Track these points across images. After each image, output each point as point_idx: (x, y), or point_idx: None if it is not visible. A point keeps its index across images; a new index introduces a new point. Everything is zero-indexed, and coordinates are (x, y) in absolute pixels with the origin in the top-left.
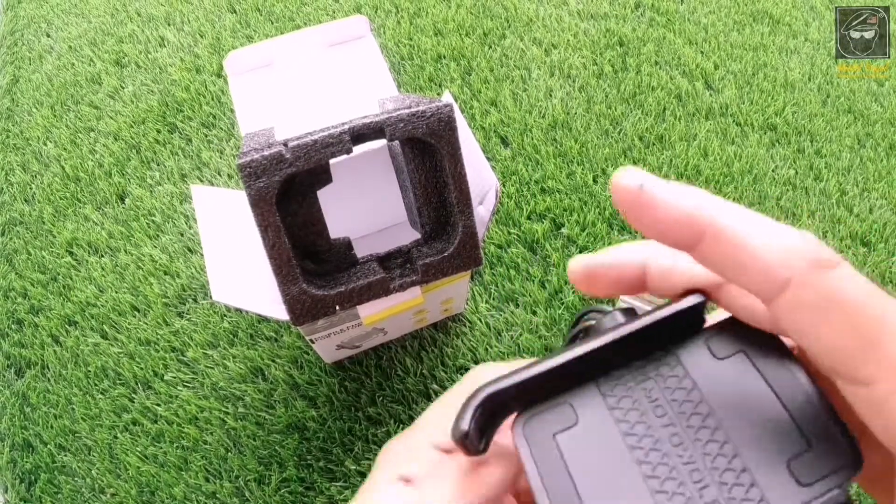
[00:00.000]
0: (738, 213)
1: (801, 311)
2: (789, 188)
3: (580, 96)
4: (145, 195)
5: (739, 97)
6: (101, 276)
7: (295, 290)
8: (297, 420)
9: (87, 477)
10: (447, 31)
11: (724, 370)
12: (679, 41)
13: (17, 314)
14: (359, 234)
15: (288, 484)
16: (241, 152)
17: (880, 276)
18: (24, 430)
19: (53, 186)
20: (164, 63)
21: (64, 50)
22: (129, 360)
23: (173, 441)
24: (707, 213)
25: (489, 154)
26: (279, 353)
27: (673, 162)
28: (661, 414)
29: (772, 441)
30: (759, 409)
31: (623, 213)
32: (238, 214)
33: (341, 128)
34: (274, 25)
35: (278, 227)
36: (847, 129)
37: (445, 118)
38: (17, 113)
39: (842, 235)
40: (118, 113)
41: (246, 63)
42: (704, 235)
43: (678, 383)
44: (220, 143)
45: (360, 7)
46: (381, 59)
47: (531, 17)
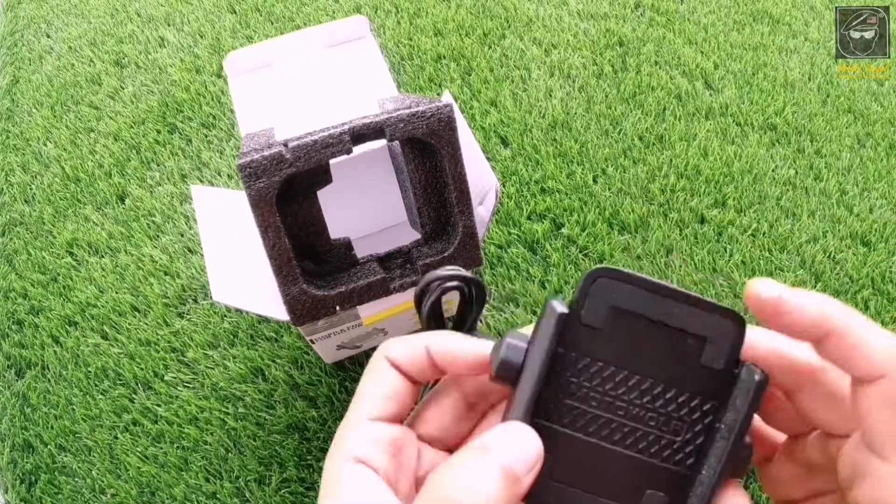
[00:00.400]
0: (858, 318)
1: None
2: (789, 188)
3: (580, 96)
4: (145, 195)
5: (739, 97)
6: (101, 277)
7: (295, 290)
8: (298, 420)
9: (88, 477)
10: (447, 31)
11: (609, 334)
12: (679, 41)
13: (18, 315)
14: (359, 234)
15: (288, 484)
16: (241, 153)
17: (880, 276)
18: (25, 431)
19: (53, 187)
20: (163, 63)
21: (64, 50)
22: (130, 361)
23: (174, 441)
24: (834, 318)
25: (489, 154)
26: (279, 354)
27: (673, 162)
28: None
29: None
30: (654, 340)
31: (761, 318)
32: (238, 215)
33: (341, 128)
34: (274, 26)
35: (278, 227)
36: (847, 128)
37: (445, 118)
38: (17, 113)
39: (842, 235)
40: (118, 113)
41: (246, 63)
42: (831, 334)
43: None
44: (221, 143)
45: (360, 7)
46: (381, 59)
47: (531, 18)
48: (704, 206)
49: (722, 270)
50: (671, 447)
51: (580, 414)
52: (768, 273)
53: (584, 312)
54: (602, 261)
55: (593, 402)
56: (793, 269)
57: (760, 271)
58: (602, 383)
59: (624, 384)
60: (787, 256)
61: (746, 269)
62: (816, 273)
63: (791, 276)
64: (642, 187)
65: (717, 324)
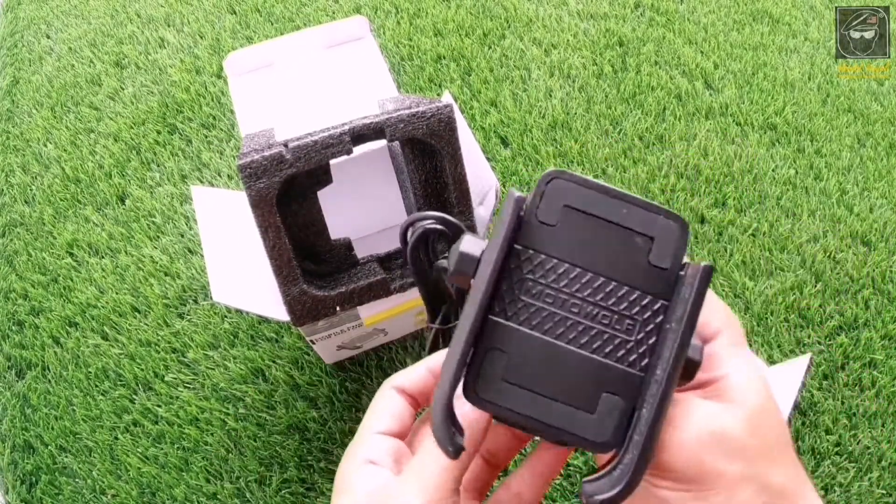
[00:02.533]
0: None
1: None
2: (789, 187)
3: (580, 96)
4: (145, 196)
5: (739, 97)
6: (101, 278)
7: (295, 290)
8: (298, 421)
9: (88, 478)
10: (447, 31)
11: (562, 232)
12: (679, 41)
13: (18, 315)
14: (359, 234)
15: (289, 485)
16: (242, 153)
17: (881, 276)
18: (25, 432)
19: (54, 188)
20: (163, 64)
21: (64, 51)
22: (130, 362)
23: (174, 442)
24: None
25: (489, 154)
26: (280, 354)
27: (673, 162)
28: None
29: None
30: (605, 239)
31: None
32: (238, 215)
33: (341, 128)
34: (274, 26)
35: (279, 227)
36: (847, 128)
37: (445, 119)
38: (17, 114)
39: (842, 235)
40: (118, 114)
41: (246, 64)
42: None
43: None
44: (221, 144)
45: (360, 8)
46: (381, 59)
47: (531, 18)
48: (704, 205)
49: (722, 270)
50: (625, 347)
51: (535, 311)
52: (768, 273)
53: (539, 210)
54: None
55: (548, 300)
56: (793, 269)
57: (760, 271)
58: (556, 280)
59: (577, 281)
60: (788, 256)
61: (746, 268)
62: (817, 273)
63: (791, 275)
64: (642, 187)
65: (664, 225)
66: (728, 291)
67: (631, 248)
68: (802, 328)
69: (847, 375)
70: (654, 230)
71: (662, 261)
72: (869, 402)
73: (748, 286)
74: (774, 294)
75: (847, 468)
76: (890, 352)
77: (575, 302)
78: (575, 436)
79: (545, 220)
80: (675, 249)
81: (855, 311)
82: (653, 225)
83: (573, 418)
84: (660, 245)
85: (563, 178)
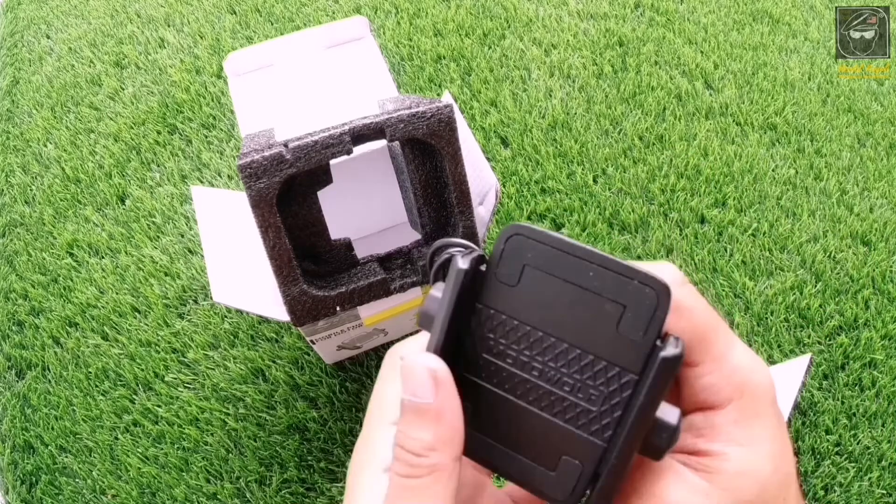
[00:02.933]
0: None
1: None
2: (789, 187)
3: (580, 96)
4: (146, 196)
5: (739, 97)
6: (101, 278)
7: (295, 290)
8: (298, 421)
9: (88, 478)
10: (447, 31)
11: (523, 293)
12: (679, 41)
13: (18, 315)
14: (359, 234)
15: (289, 485)
16: (242, 153)
17: (881, 276)
18: (25, 432)
19: (54, 188)
20: (163, 64)
21: (64, 51)
22: (130, 362)
23: (174, 442)
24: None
25: (489, 154)
26: (280, 354)
27: (673, 162)
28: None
29: (594, 322)
30: (569, 303)
31: None
32: (238, 215)
33: (341, 128)
34: (274, 26)
35: (279, 227)
36: (847, 128)
37: (445, 119)
38: (18, 114)
39: (842, 235)
40: (118, 114)
41: (246, 64)
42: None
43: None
44: (221, 144)
45: (360, 8)
46: (381, 59)
47: (531, 18)
48: (704, 205)
49: (722, 270)
50: (587, 416)
51: (497, 370)
52: (768, 273)
53: (498, 270)
54: None
55: (509, 360)
56: (793, 269)
57: (760, 271)
58: (517, 342)
59: (539, 346)
60: (788, 256)
61: (746, 268)
62: (817, 273)
63: (791, 275)
64: (642, 187)
65: (637, 291)
66: (728, 291)
67: (598, 314)
68: (802, 328)
69: (847, 375)
70: (624, 297)
71: (633, 332)
72: (869, 402)
73: (748, 286)
74: (774, 294)
75: (847, 468)
76: (890, 352)
77: (535, 366)
78: (535, 489)
79: (505, 280)
80: (650, 320)
81: (855, 311)
82: (624, 291)
83: (533, 473)
84: (631, 314)
85: (523, 235)
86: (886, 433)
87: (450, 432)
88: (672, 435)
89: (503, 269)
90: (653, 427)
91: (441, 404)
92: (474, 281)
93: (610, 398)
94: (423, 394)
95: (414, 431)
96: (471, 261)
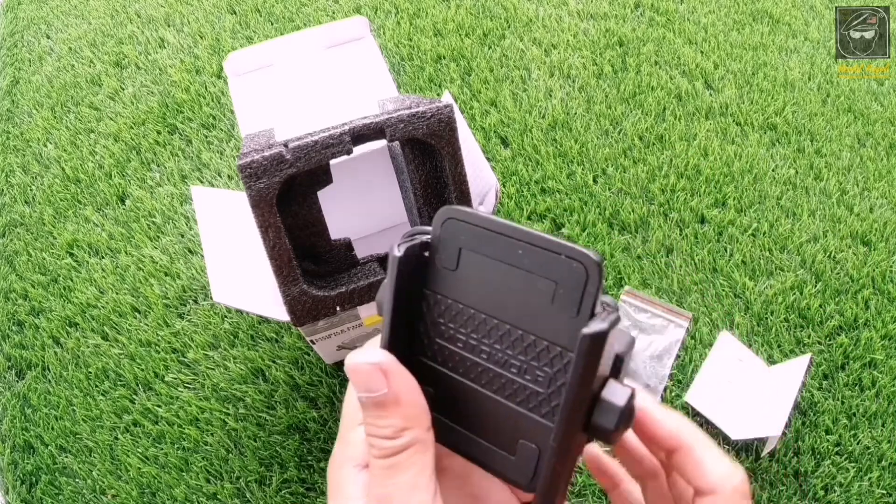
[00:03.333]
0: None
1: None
2: (789, 187)
3: (580, 96)
4: (145, 196)
5: (739, 97)
6: (101, 278)
7: (295, 290)
8: (298, 421)
9: (88, 478)
10: (447, 31)
11: (462, 276)
12: (679, 41)
13: (18, 315)
14: (359, 234)
15: (289, 485)
16: (242, 153)
17: (881, 276)
18: (25, 432)
19: (54, 188)
20: (163, 64)
21: (64, 51)
22: (130, 362)
23: (174, 442)
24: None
25: (489, 154)
26: (280, 354)
27: (673, 162)
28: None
29: (530, 302)
30: (505, 284)
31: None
32: (238, 215)
33: (341, 128)
34: (274, 26)
35: (279, 227)
36: (847, 128)
37: (445, 119)
38: (18, 115)
39: (842, 235)
40: (118, 114)
41: (246, 64)
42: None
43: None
44: (221, 144)
45: (360, 8)
46: (381, 59)
47: (531, 18)
48: (704, 205)
49: (722, 270)
50: (537, 399)
51: (451, 354)
52: (768, 273)
53: (438, 255)
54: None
55: (459, 344)
56: (793, 269)
57: (760, 271)
58: (464, 326)
59: (483, 328)
60: (788, 256)
61: (746, 268)
62: (817, 273)
63: (791, 275)
64: (642, 187)
65: (566, 267)
66: (728, 291)
67: (533, 293)
68: (802, 328)
69: (847, 375)
70: (554, 273)
71: (568, 309)
72: (869, 402)
73: (748, 286)
74: (774, 294)
75: (847, 468)
76: (890, 352)
77: (483, 349)
78: (500, 474)
79: (446, 265)
80: (582, 296)
81: (855, 311)
82: (553, 267)
83: (495, 457)
84: (563, 291)
85: (456, 219)
86: (886, 433)
87: (414, 410)
88: (619, 416)
89: (442, 254)
90: (599, 408)
91: (396, 389)
92: (421, 267)
93: (556, 379)
94: (376, 387)
95: (381, 421)
96: (406, 248)
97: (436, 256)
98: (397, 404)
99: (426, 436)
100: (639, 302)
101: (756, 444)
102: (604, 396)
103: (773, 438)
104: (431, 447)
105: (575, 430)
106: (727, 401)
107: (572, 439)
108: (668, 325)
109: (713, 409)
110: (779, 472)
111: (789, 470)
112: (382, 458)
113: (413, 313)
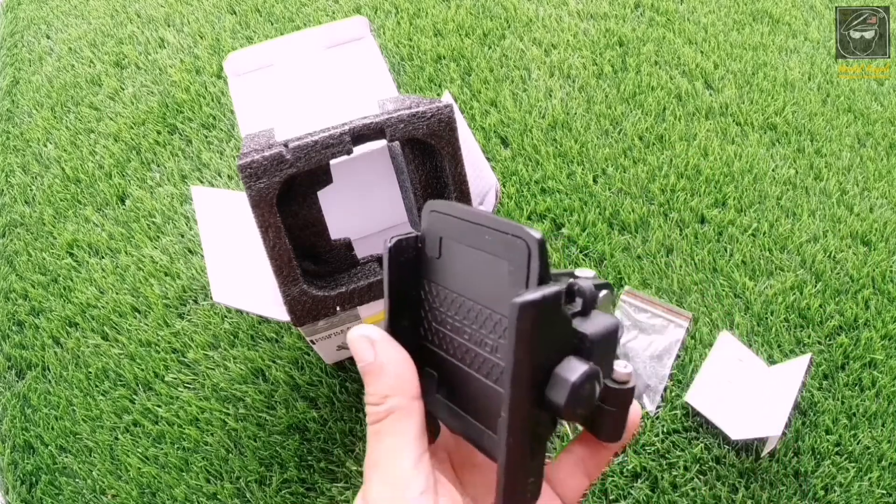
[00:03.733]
0: None
1: None
2: (789, 187)
3: (580, 96)
4: (146, 196)
5: (739, 97)
6: (101, 278)
7: (295, 290)
8: (298, 421)
9: (88, 478)
10: (447, 31)
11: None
12: (679, 41)
13: (18, 316)
14: (359, 234)
15: (289, 485)
16: (242, 153)
17: (881, 276)
18: (25, 432)
19: (54, 188)
20: (163, 64)
21: (64, 51)
22: (130, 362)
23: (174, 442)
24: None
25: (489, 154)
26: (280, 355)
27: (673, 162)
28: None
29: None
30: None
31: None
32: (238, 215)
33: (341, 128)
34: (274, 26)
35: (279, 227)
36: (847, 128)
37: (445, 119)
38: (18, 115)
39: (842, 235)
40: (118, 114)
41: (246, 64)
42: None
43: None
44: (221, 144)
45: (360, 8)
46: (381, 59)
47: (531, 18)
48: (704, 205)
49: (722, 270)
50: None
51: (444, 337)
52: (768, 273)
53: (426, 246)
54: (602, 261)
55: (448, 326)
56: (793, 269)
57: (760, 271)
58: (449, 309)
59: (463, 310)
60: (788, 256)
61: (746, 268)
62: (817, 273)
63: (791, 275)
64: (642, 187)
65: (512, 245)
66: (728, 291)
67: (496, 273)
68: (802, 328)
69: (847, 375)
70: (508, 253)
71: (518, 285)
72: (869, 402)
73: (748, 286)
74: (774, 294)
75: (847, 468)
76: (890, 352)
77: (465, 330)
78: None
79: (432, 254)
80: (527, 271)
81: (855, 311)
82: (507, 247)
83: (483, 436)
84: (513, 268)
85: (437, 211)
86: (886, 433)
87: (395, 379)
88: (569, 391)
89: (429, 244)
90: (550, 381)
91: (381, 358)
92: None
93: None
94: (365, 357)
95: (370, 388)
96: (397, 240)
97: (426, 247)
98: (381, 372)
99: (409, 404)
100: (639, 302)
101: (756, 444)
102: (556, 371)
103: (773, 438)
104: (416, 415)
105: (522, 399)
106: (727, 401)
107: (521, 408)
108: (668, 325)
109: (713, 409)
110: (779, 472)
111: (789, 470)
112: (371, 423)
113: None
